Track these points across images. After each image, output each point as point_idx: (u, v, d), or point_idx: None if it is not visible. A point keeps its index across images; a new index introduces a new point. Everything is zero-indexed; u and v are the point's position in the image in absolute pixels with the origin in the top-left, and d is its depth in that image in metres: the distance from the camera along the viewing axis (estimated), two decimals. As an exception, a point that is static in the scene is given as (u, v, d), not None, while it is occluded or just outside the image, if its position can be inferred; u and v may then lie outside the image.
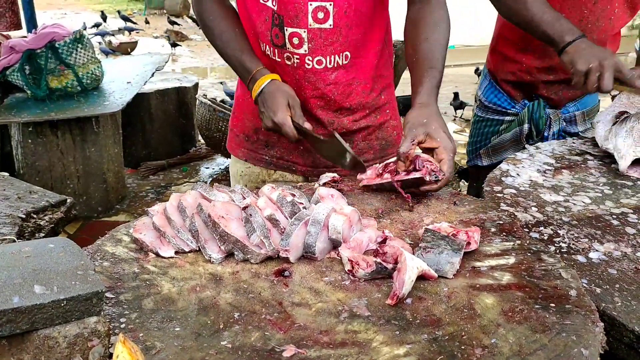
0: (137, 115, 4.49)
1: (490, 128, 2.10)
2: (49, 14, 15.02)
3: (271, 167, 1.65)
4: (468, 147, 2.25)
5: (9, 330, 0.68)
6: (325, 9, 1.39)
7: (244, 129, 1.67)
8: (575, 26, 1.61)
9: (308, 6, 1.39)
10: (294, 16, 1.40)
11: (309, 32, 1.42)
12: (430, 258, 1.00)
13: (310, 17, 1.40)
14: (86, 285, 0.74)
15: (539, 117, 1.93)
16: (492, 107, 2.08)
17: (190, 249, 1.07)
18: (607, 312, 0.95)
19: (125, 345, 0.67)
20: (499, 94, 2.06)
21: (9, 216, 1.37)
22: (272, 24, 1.44)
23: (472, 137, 2.21)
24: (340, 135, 1.49)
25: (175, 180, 4.46)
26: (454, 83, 7.57)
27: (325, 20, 1.40)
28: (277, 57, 1.49)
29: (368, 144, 1.62)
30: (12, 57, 3.42)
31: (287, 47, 1.45)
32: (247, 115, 1.64)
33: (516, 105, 2.02)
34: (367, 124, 1.59)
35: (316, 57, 1.45)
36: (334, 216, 1.07)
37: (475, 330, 0.84)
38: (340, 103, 1.53)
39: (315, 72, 1.47)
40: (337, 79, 1.49)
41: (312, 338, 0.83)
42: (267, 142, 1.62)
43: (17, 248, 0.82)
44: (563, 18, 1.62)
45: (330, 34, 1.42)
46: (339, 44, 1.45)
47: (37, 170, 3.44)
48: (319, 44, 1.43)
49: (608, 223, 1.27)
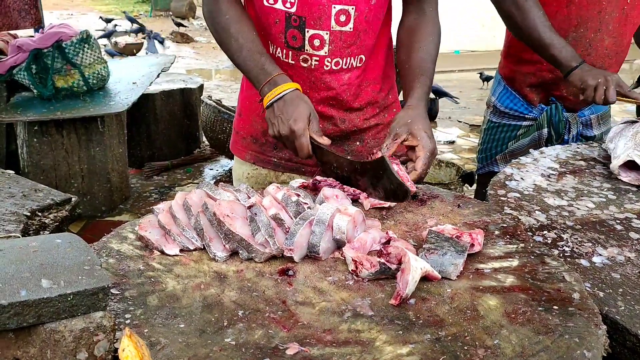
0: (142, 115, 4.51)
1: (507, 133, 2.12)
2: (55, 14, 15.09)
3: (279, 169, 1.64)
4: (479, 154, 2.25)
5: (16, 323, 0.69)
6: (347, 12, 1.42)
7: (252, 131, 1.65)
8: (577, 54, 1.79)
9: (332, 9, 1.41)
10: (317, 18, 1.42)
11: (331, 34, 1.44)
12: (434, 259, 1.00)
13: (333, 19, 1.42)
14: (92, 280, 0.74)
15: (559, 121, 1.96)
16: (508, 112, 2.09)
17: (195, 247, 1.08)
18: (610, 316, 0.96)
19: (131, 339, 0.68)
20: (515, 99, 2.07)
21: (14, 214, 1.38)
22: (288, 26, 1.45)
23: (484, 143, 2.22)
24: (350, 133, 1.50)
25: (179, 181, 4.47)
26: (459, 88, 7.58)
27: (347, 23, 1.43)
28: (290, 60, 1.49)
29: (378, 142, 1.62)
30: (19, 57, 3.44)
31: (305, 49, 1.46)
32: (256, 118, 1.63)
33: (533, 110, 2.03)
34: (377, 122, 1.62)
35: (335, 58, 1.47)
36: (339, 216, 1.07)
37: (478, 331, 0.84)
38: (350, 103, 1.55)
39: (331, 73, 1.49)
40: (350, 80, 1.52)
41: (316, 336, 0.83)
42: (275, 144, 1.62)
43: (24, 243, 0.82)
44: (567, 44, 1.79)
45: (349, 36, 1.45)
46: (355, 47, 1.48)
47: (42, 169, 3.45)
48: (338, 46, 1.45)
49: (612, 228, 1.27)
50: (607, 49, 1.88)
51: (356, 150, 1.62)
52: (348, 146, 1.61)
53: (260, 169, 1.66)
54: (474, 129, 6.00)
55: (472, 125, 6.23)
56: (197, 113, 4.84)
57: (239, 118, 1.71)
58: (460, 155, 5.30)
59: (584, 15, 1.84)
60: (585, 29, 1.86)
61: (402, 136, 1.33)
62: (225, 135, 4.32)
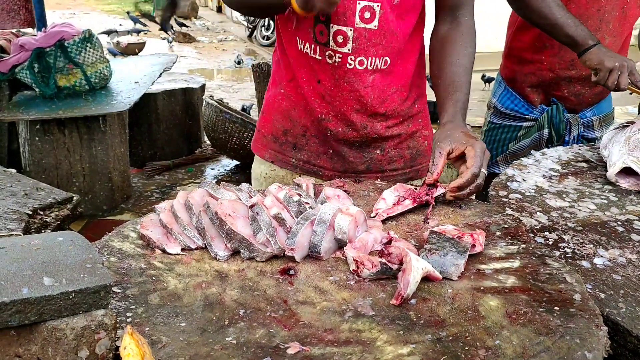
0: (144, 115, 4.51)
1: (507, 134, 2.10)
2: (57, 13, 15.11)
3: (297, 171, 1.62)
4: None
5: (17, 321, 0.69)
6: (372, 9, 1.40)
7: (272, 130, 1.64)
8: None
9: (357, 5, 1.39)
10: (342, 13, 1.40)
11: (354, 31, 1.41)
12: (435, 260, 1.00)
13: (357, 15, 1.40)
14: (94, 278, 0.74)
15: (559, 122, 1.95)
16: (508, 113, 2.08)
17: (197, 246, 1.08)
18: (611, 318, 0.96)
19: (132, 337, 0.68)
20: (515, 99, 2.06)
21: (16, 212, 1.38)
22: (316, 21, 1.44)
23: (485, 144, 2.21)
24: (371, 140, 1.51)
25: (180, 180, 4.48)
26: (460, 89, 7.56)
27: (371, 20, 1.41)
28: (317, 55, 1.48)
29: (399, 153, 1.59)
30: (21, 55, 3.45)
31: (330, 45, 1.45)
32: (277, 117, 1.62)
33: (534, 111, 2.02)
34: (400, 131, 1.57)
35: (359, 57, 1.44)
36: (340, 216, 1.07)
37: (479, 331, 0.84)
38: (376, 108, 1.50)
39: (355, 73, 1.46)
40: (374, 82, 1.48)
41: (317, 336, 0.84)
42: (295, 145, 1.60)
43: (26, 241, 0.83)
44: (581, 23, 1.75)
45: (374, 35, 1.42)
46: (381, 47, 1.44)
47: (43, 167, 3.46)
48: (362, 44, 1.43)
49: (613, 229, 1.27)
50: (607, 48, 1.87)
51: (376, 158, 1.58)
52: (368, 153, 1.57)
53: (278, 169, 1.64)
54: (476, 130, 6.00)
55: (474, 126, 6.22)
56: (198, 113, 4.84)
57: (262, 116, 1.70)
58: (461, 156, 5.29)
59: (584, 14, 1.83)
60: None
61: (446, 149, 1.30)
62: (227, 135, 4.33)
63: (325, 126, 1.53)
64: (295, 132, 1.59)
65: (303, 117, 1.56)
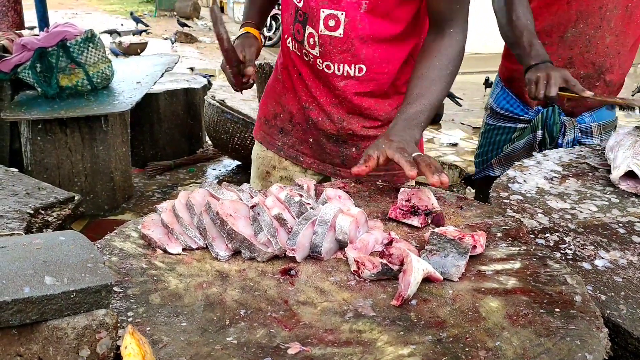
0: (146, 115, 4.52)
1: (502, 136, 2.07)
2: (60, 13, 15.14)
3: (281, 154, 1.70)
4: (476, 158, 2.21)
5: (18, 320, 0.69)
6: (337, 17, 1.40)
7: (266, 113, 1.73)
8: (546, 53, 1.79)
9: (320, 12, 1.41)
10: (312, 18, 1.43)
11: (319, 37, 1.44)
12: (436, 261, 1.00)
13: (322, 22, 1.42)
14: (96, 277, 0.74)
15: (554, 124, 1.90)
16: (504, 113, 2.06)
17: (198, 246, 1.08)
18: (612, 319, 0.96)
19: (133, 337, 0.68)
20: (511, 99, 2.04)
21: (18, 212, 1.38)
22: (295, 19, 1.49)
23: (481, 147, 2.18)
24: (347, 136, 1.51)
25: (182, 180, 4.48)
26: (462, 90, 7.57)
27: (336, 28, 1.41)
28: (297, 51, 1.55)
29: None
30: (23, 55, 3.46)
31: (304, 45, 1.50)
32: (271, 101, 1.71)
33: (529, 112, 2.00)
34: (377, 133, 1.58)
35: (325, 61, 1.47)
36: (341, 217, 1.07)
37: (479, 332, 0.84)
38: (352, 108, 1.54)
39: (325, 75, 1.50)
40: (347, 88, 1.49)
41: (317, 336, 0.84)
42: (282, 129, 1.68)
43: (28, 240, 0.83)
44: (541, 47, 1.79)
45: (339, 42, 1.42)
46: (350, 55, 1.44)
47: (45, 167, 3.46)
48: (328, 50, 1.45)
49: (614, 231, 1.27)
50: (608, 47, 1.84)
51: (351, 155, 1.61)
52: (344, 149, 1.61)
53: (266, 150, 1.73)
54: (477, 132, 6.00)
55: (475, 127, 6.23)
56: (200, 113, 4.84)
57: (261, 99, 1.79)
58: (463, 157, 5.30)
59: (585, 11, 1.81)
60: (585, 25, 1.82)
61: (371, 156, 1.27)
62: (228, 136, 4.33)
63: (308, 114, 1.59)
64: (284, 117, 1.66)
65: (291, 104, 1.64)
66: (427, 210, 1.21)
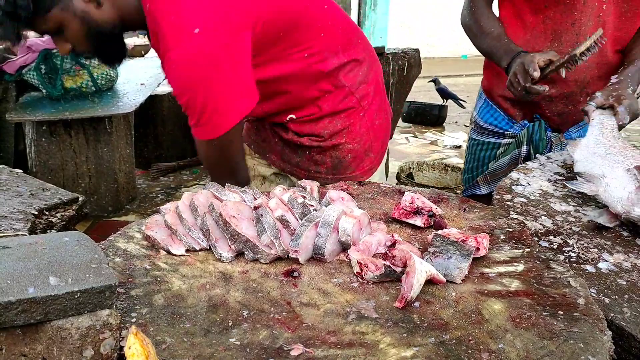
0: (150, 116, 4.53)
1: (487, 152, 1.98)
2: (65, 15, 15.16)
3: (252, 148, 1.79)
4: (464, 175, 2.11)
5: (23, 320, 0.70)
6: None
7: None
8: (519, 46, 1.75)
9: None
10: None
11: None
12: (439, 263, 1.00)
13: None
14: (100, 278, 0.75)
15: (540, 139, 1.82)
16: (488, 128, 1.97)
17: (201, 248, 1.09)
18: (616, 322, 0.95)
19: (137, 337, 0.68)
20: (495, 112, 1.95)
21: (22, 212, 1.39)
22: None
23: (467, 162, 2.08)
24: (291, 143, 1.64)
25: (185, 182, 4.49)
26: (466, 92, 7.56)
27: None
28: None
29: (322, 159, 1.64)
30: (28, 57, 3.47)
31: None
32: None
33: (515, 126, 1.90)
34: (320, 144, 1.62)
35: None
36: (344, 219, 1.07)
37: (482, 335, 0.84)
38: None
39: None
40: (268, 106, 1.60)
41: (320, 338, 0.84)
42: (257, 126, 1.77)
43: (32, 241, 0.83)
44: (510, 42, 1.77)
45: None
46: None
47: (49, 168, 3.47)
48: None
49: (618, 234, 1.26)
50: (588, 62, 1.70)
51: (305, 158, 1.66)
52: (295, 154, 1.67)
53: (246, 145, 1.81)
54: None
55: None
56: (204, 114, 4.84)
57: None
58: (466, 159, 5.28)
59: (558, 29, 1.74)
60: (560, 43, 1.74)
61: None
62: (232, 137, 4.32)
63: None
64: (255, 113, 1.68)
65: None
66: (430, 212, 1.21)
